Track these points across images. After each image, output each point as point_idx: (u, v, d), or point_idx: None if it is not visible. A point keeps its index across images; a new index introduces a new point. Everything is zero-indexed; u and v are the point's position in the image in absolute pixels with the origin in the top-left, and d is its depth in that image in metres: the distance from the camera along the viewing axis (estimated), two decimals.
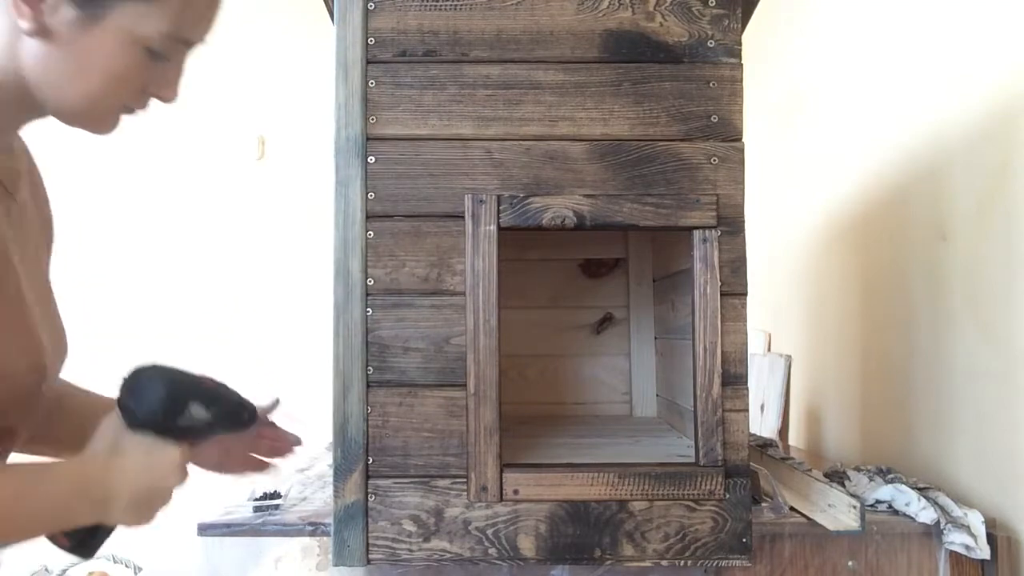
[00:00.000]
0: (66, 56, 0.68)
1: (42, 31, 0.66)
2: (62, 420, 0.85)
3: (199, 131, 2.90)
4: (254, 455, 0.92)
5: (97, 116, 0.73)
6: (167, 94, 0.75)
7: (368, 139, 0.98)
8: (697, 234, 0.98)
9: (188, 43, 0.73)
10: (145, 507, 0.73)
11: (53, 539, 0.73)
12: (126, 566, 2.65)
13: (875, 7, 1.57)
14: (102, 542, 0.76)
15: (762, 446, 1.43)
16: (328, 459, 1.48)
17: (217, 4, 0.75)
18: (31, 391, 0.74)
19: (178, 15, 0.70)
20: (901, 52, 1.45)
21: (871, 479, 1.20)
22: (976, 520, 1.06)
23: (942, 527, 1.05)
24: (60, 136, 0.85)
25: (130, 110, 0.75)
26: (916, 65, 1.39)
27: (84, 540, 0.74)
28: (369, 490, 0.97)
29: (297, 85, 2.87)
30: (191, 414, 0.76)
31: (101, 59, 0.68)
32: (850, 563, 1.06)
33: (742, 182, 0.99)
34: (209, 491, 1.03)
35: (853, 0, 1.68)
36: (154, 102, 0.76)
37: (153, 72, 0.72)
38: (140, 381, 0.75)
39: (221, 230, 2.83)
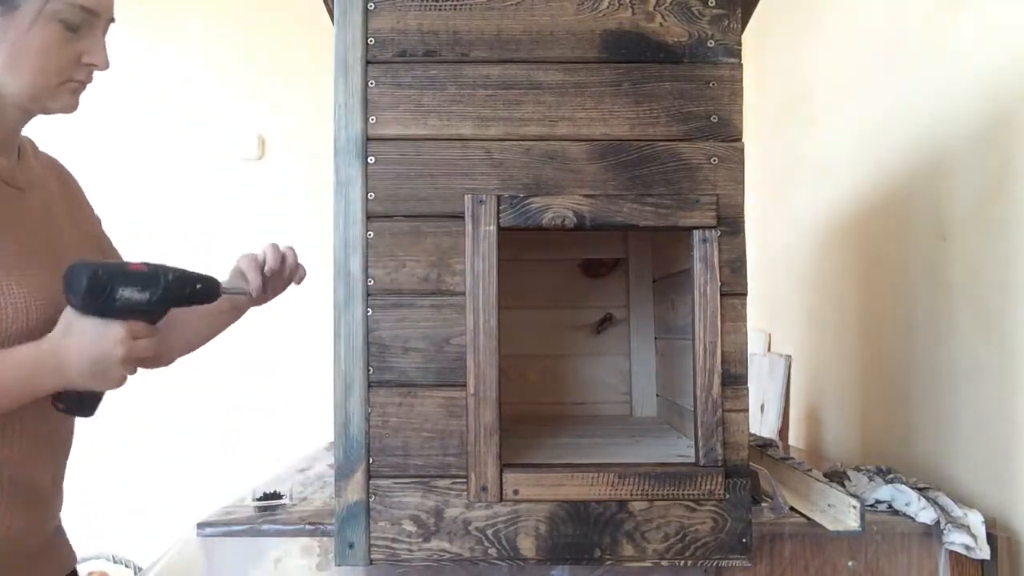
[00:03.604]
0: (6, 51, 0.83)
1: None
2: None
3: (199, 131, 2.90)
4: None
5: (50, 93, 0.88)
6: (98, 61, 0.90)
7: (368, 139, 0.98)
8: (697, 234, 0.98)
9: (94, 14, 0.88)
10: (99, 373, 0.85)
11: (53, 406, 0.88)
12: (126, 566, 2.65)
13: (875, 7, 1.57)
14: (93, 405, 0.90)
15: (762, 446, 1.44)
16: (327, 459, 1.48)
17: None
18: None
19: None
20: (901, 51, 1.45)
21: (871, 479, 1.20)
22: (976, 520, 1.06)
23: (942, 527, 1.05)
24: (61, 136, 0.86)
25: (80, 83, 0.90)
26: (916, 65, 1.39)
27: (75, 405, 0.89)
28: (370, 490, 0.97)
29: (297, 85, 2.87)
30: (125, 297, 0.85)
31: (29, 40, 0.83)
32: (850, 563, 1.06)
33: (742, 182, 0.99)
34: (209, 491, 1.03)
35: (853, 0, 1.68)
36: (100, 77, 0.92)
37: (78, 44, 0.87)
38: (68, 274, 0.85)
39: (221, 230, 2.83)
